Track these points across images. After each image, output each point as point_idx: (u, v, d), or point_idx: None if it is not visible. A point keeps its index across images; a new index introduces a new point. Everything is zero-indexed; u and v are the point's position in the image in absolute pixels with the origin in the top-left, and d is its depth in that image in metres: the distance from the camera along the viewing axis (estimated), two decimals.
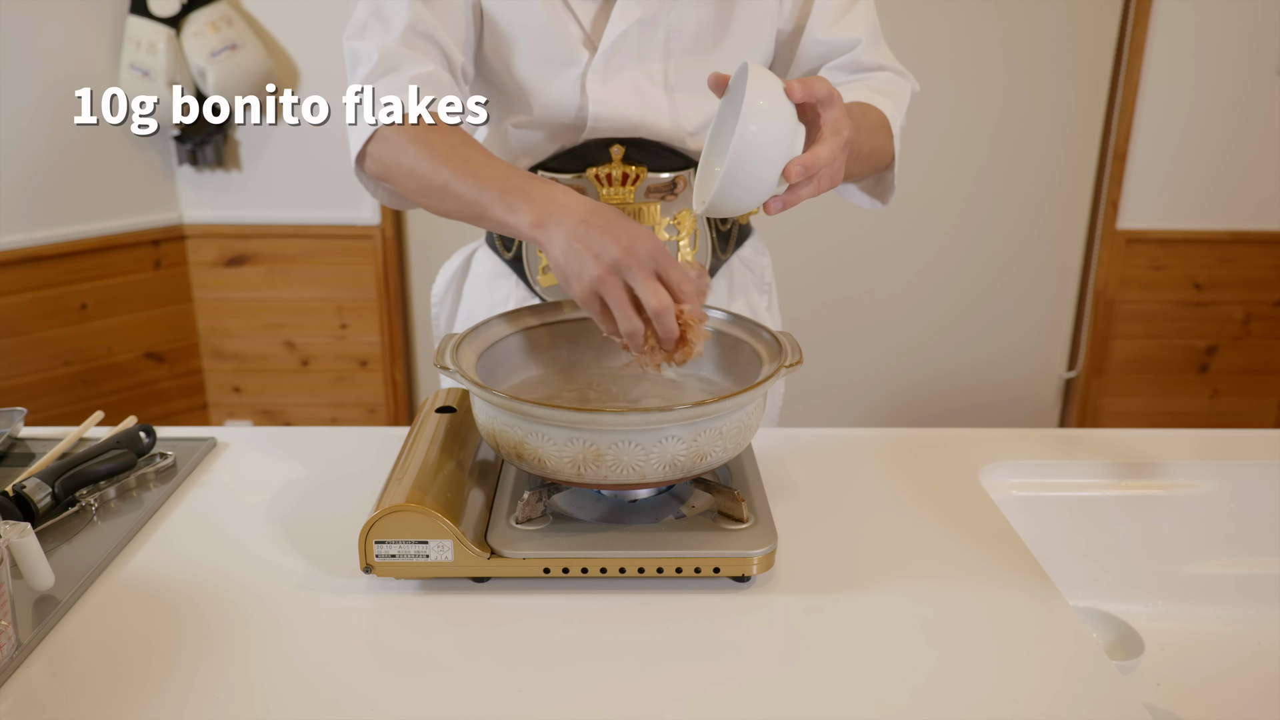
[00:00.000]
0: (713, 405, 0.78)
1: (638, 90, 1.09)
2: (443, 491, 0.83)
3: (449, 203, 0.94)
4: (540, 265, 1.15)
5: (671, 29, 1.08)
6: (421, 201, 0.99)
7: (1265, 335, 2.70)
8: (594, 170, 1.11)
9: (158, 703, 0.69)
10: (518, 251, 1.18)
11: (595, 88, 1.08)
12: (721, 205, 0.85)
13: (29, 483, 0.91)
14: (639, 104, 1.09)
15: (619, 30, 1.06)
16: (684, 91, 1.11)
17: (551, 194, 0.88)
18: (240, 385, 2.74)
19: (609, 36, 1.06)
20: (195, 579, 0.84)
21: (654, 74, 1.09)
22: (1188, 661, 1.00)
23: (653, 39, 1.08)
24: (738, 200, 0.85)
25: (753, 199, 0.85)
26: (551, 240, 0.85)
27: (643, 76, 1.09)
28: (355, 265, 2.63)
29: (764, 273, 1.28)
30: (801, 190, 0.85)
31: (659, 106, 1.10)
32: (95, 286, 2.48)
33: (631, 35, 1.06)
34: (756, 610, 0.81)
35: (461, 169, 0.93)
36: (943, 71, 2.50)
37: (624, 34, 1.06)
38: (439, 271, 1.31)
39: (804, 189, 0.85)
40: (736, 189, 0.83)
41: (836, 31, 1.12)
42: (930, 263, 2.68)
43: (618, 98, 1.08)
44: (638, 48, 1.08)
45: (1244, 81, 2.47)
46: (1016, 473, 1.07)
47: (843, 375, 2.77)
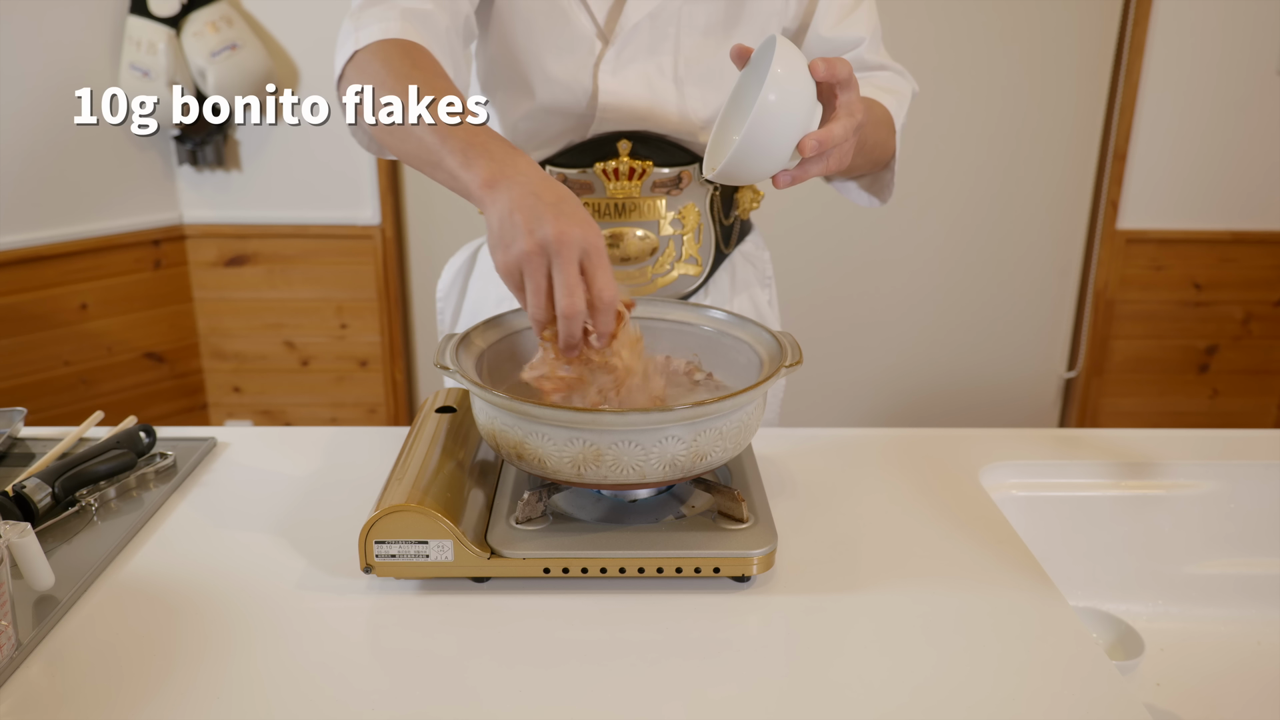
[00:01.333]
0: (713, 405, 0.78)
1: (648, 82, 1.09)
2: (443, 491, 0.83)
3: (410, 143, 0.88)
4: None
5: (683, 23, 1.09)
6: (385, 139, 0.93)
7: (1265, 335, 2.70)
8: (600, 164, 1.11)
9: (158, 703, 0.69)
10: None
11: (606, 79, 1.08)
12: (734, 171, 0.85)
13: (29, 483, 0.91)
14: (648, 96, 1.09)
15: (632, 22, 1.06)
16: (693, 84, 1.11)
17: (513, 157, 0.82)
18: (240, 385, 2.74)
19: (622, 28, 1.07)
20: (195, 579, 0.84)
21: (664, 66, 1.10)
22: (1188, 661, 1.00)
23: (664, 32, 1.08)
24: (751, 168, 0.85)
25: (765, 168, 0.85)
26: (495, 202, 0.79)
27: (653, 69, 1.09)
28: (355, 265, 2.63)
29: (765, 267, 1.30)
30: (812, 166, 0.86)
31: (668, 99, 1.10)
32: (95, 286, 2.48)
33: (644, 28, 1.07)
34: (756, 610, 0.81)
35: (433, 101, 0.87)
36: (943, 71, 2.50)
37: (637, 26, 1.07)
38: (444, 267, 1.32)
39: (814, 165, 0.86)
40: (752, 155, 0.84)
41: (841, 30, 1.13)
42: (930, 262, 2.68)
43: (628, 89, 1.09)
44: (650, 40, 1.08)
45: (1243, 81, 2.47)
46: (1016, 473, 1.07)
47: (843, 375, 2.77)
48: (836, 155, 0.86)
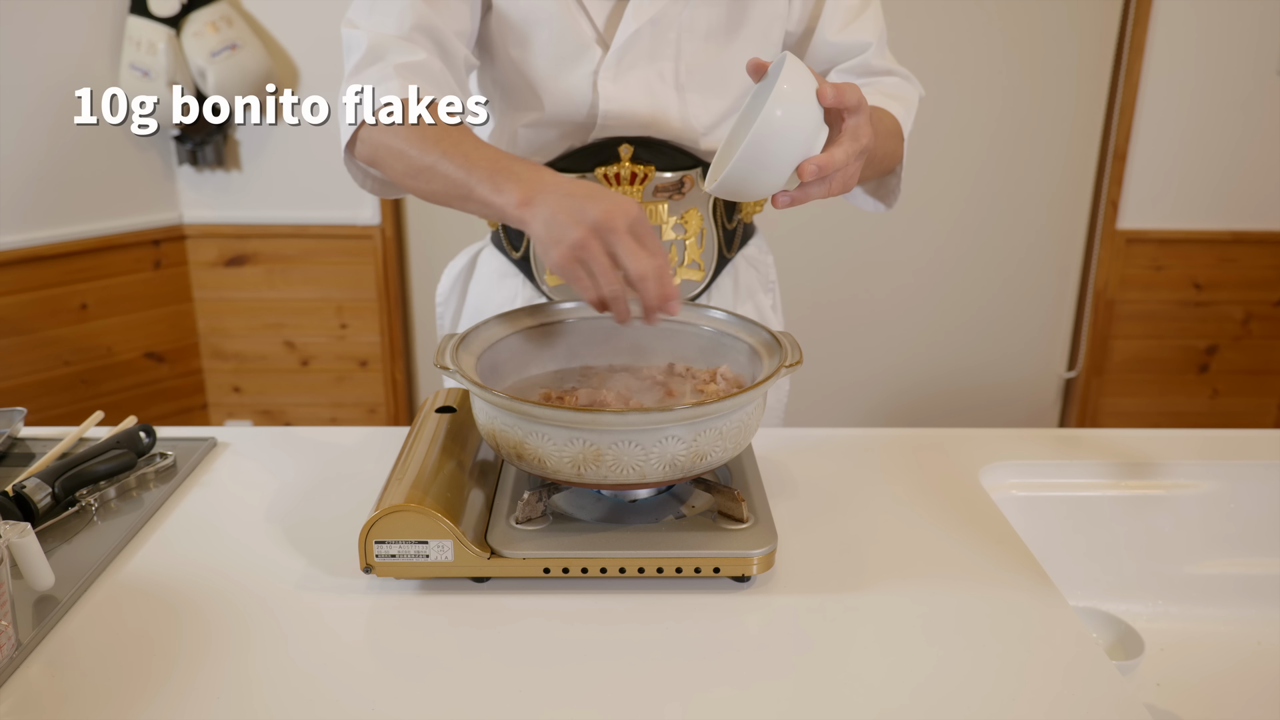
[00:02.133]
0: (713, 405, 0.78)
1: (649, 89, 1.09)
2: (443, 491, 0.83)
3: (436, 183, 0.94)
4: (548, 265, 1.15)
5: (684, 28, 1.08)
6: (408, 183, 0.98)
7: (1265, 335, 2.70)
8: (602, 170, 1.11)
9: (158, 703, 0.69)
10: (526, 251, 1.17)
11: (607, 85, 1.08)
12: (734, 186, 0.85)
13: (29, 483, 0.91)
14: (650, 102, 1.09)
15: (632, 28, 1.06)
16: (694, 91, 1.11)
17: (540, 175, 0.88)
18: (240, 385, 2.74)
19: (622, 34, 1.06)
20: (195, 579, 0.84)
21: (665, 73, 1.10)
22: (1188, 661, 1.00)
23: (665, 38, 1.08)
24: (749, 184, 0.85)
25: (764, 186, 0.85)
26: (535, 216, 0.84)
27: (654, 75, 1.09)
28: (355, 265, 2.63)
29: (768, 271, 1.29)
30: (813, 189, 0.85)
31: (669, 105, 1.10)
32: (95, 286, 2.48)
33: (644, 34, 1.07)
34: (756, 610, 0.81)
35: (452, 150, 0.93)
36: (943, 72, 2.50)
37: (637, 32, 1.06)
38: (444, 270, 1.32)
39: (815, 189, 0.85)
40: (750, 172, 0.83)
41: (847, 35, 1.12)
42: (930, 262, 2.68)
43: (629, 96, 1.09)
44: (650, 46, 1.08)
45: (1244, 81, 2.47)
46: (1016, 473, 1.07)
47: (843, 375, 2.77)
48: (840, 179, 0.86)
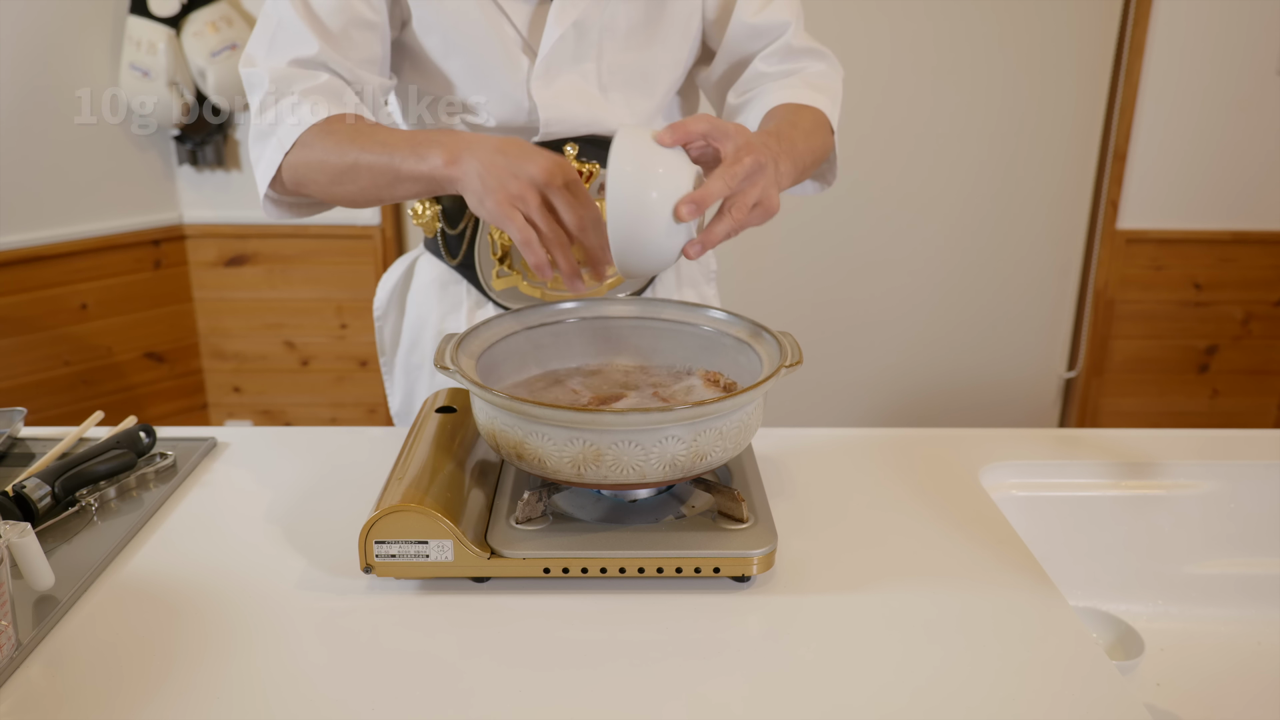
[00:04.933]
0: (713, 405, 0.78)
1: (578, 91, 1.09)
2: (443, 491, 0.83)
3: (362, 178, 0.94)
4: (493, 270, 1.13)
5: (604, 28, 1.08)
6: (335, 191, 0.98)
7: (1265, 335, 2.70)
8: None
9: (158, 703, 0.69)
10: (466, 257, 1.16)
11: (540, 92, 1.08)
12: (631, 269, 0.84)
13: (29, 483, 0.91)
14: (583, 104, 1.10)
15: (556, 34, 1.06)
16: (616, 90, 1.11)
17: (461, 136, 0.89)
18: (240, 385, 2.74)
19: (547, 40, 1.06)
20: (195, 579, 0.84)
21: (588, 74, 1.10)
22: (1188, 661, 1.00)
23: (587, 39, 1.08)
24: (643, 262, 0.83)
25: (659, 256, 0.83)
26: (466, 171, 0.85)
27: (578, 77, 1.09)
28: (355, 265, 2.63)
29: (709, 261, 1.30)
30: (718, 228, 0.84)
31: (598, 105, 1.10)
32: (95, 286, 2.48)
33: (569, 38, 1.07)
34: (756, 610, 0.81)
35: (368, 143, 0.94)
36: (942, 72, 2.50)
37: (562, 37, 1.06)
38: (378, 285, 1.30)
39: (719, 226, 0.84)
40: (634, 253, 0.82)
41: (765, 16, 1.11)
42: (930, 262, 2.68)
43: (563, 100, 1.09)
44: (574, 50, 1.08)
45: (1244, 81, 2.47)
46: (1016, 473, 1.07)
47: (843, 375, 2.77)
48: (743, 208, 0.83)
